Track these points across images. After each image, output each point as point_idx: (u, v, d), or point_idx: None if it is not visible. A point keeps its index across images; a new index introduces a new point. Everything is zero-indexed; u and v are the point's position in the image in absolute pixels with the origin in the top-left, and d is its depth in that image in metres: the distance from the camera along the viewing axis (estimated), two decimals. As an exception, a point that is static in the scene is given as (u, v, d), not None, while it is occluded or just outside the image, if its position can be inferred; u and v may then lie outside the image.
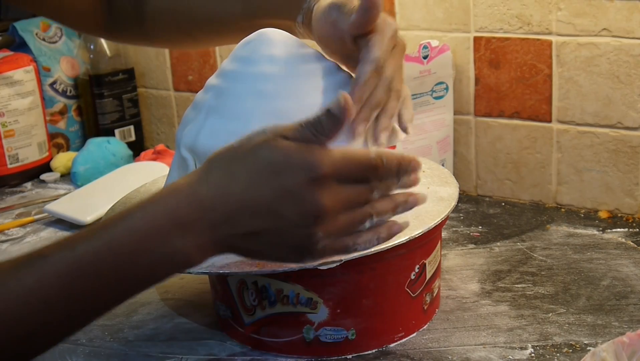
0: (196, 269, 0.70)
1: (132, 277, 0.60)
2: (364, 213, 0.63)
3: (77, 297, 0.59)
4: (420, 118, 1.11)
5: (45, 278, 0.58)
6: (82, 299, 0.59)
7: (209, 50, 1.37)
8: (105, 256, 0.59)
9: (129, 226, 0.60)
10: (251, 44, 0.76)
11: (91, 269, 0.59)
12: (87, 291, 0.59)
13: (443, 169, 0.90)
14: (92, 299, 0.60)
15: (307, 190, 0.59)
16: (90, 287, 0.59)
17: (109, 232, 0.60)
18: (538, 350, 0.76)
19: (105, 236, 0.60)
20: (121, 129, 1.42)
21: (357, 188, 0.62)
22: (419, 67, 1.08)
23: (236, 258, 0.71)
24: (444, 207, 0.78)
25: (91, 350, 0.82)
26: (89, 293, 0.59)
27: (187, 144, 0.76)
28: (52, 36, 1.44)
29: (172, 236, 0.59)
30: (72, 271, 0.58)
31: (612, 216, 1.05)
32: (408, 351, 0.77)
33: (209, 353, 0.80)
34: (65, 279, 0.58)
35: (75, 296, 0.59)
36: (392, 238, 0.67)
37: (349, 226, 0.63)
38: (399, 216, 0.78)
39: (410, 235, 0.73)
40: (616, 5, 0.99)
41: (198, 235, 0.60)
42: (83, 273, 0.58)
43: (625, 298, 0.84)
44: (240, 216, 0.60)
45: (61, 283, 0.58)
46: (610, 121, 1.04)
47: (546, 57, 1.06)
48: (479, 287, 0.89)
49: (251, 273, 0.70)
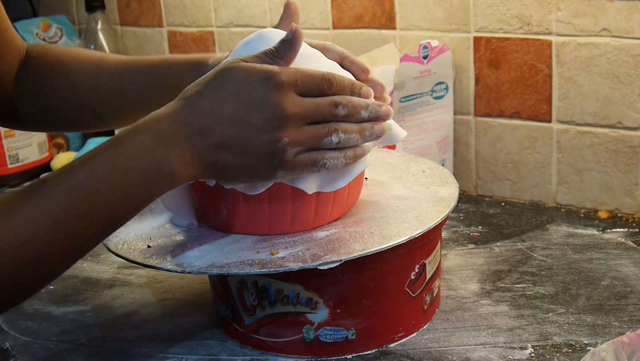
0: (196, 268, 0.70)
1: (127, 192, 0.66)
2: (329, 127, 0.69)
3: (81, 214, 0.64)
4: (420, 118, 1.11)
5: (49, 198, 0.64)
6: (85, 216, 0.64)
7: (209, 51, 1.37)
8: (101, 174, 0.65)
9: (119, 147, 0.66)
10: (252, 44, 0.76)
11: (90, 187, 0.64)
12: (88, 207, 0.64)
13: (443, 169, 0.90)
14: (93, 217, 0.65)
15: (269, 96, 0.66)
16: (90, 203, 0.64)
17: (102, 154, 0.66)
18: (538, 350, 0.76)
19: (99, 158, 0.66)
20: (121, 129, 1.42)
21: (317, 100, 0.69)
22: (419, 67, 1.09)
23: (236, 258, 0.71)
24: (444, 207, 0.79)
25: (91, 350, 0.82)
26: (90, 209, 0.65)
27: None
28: (52, 36, 1.44)
29: (156, 150, 0.66)
30: (73, 190, 0.64)
31: (612, 216, 1.05)
32: (408, 351, 0.77)
33: (209, 353, 0.80)
34: (68, 196, 0.64)
35: (79, 214, 0.64)
36: (387, 240, 0.71)
37: (314, 138, 0.69)
38: (398, 217, 0.78)
39: (410, 235, 0.73)
40: (616, 6, 0.99)
41: (178, 146, 0.66)
42: (83, 191, 0.64)
43: (625, 298, 0.84)
44: (212, 127, 0.66)
45: (64, 201, 0.64)
46: (610, 121, 1.04)
47: (546, 57, 1.06)
48: (479, 287, 0.89)
49: (251, 273, 0.70)
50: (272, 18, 1.29)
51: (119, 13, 1.47)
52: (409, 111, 1.10)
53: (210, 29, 1.36)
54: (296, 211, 0.75)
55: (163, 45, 1.43)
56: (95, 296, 0.94)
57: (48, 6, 1.57)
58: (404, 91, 1.08)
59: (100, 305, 0.92)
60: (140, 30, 1.45)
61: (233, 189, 0.73)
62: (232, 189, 0.73)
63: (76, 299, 0.93)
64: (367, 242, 0.72)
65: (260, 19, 1.30)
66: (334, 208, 0.77)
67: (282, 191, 0.73)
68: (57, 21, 1.47)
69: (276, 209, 0.74)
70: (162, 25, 1.42)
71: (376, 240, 0.72)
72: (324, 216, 0.77)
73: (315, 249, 0.72)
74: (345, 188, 0.76)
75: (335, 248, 0.72)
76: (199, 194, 0.78)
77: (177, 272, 0.71)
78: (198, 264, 0.71)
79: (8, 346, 0.84)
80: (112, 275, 0.99)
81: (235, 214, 0.75)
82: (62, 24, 1.47)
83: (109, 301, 0.92)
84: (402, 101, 1.08)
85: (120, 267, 1.01)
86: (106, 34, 1.39)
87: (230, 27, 1.34)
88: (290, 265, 0.69)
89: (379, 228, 0.75)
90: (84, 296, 0.94)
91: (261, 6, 1.29)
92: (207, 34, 1.37)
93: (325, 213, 0.76)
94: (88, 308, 0.91)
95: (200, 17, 1.37)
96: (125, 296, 0.93)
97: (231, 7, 1.33)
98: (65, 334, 0.86)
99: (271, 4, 1.28)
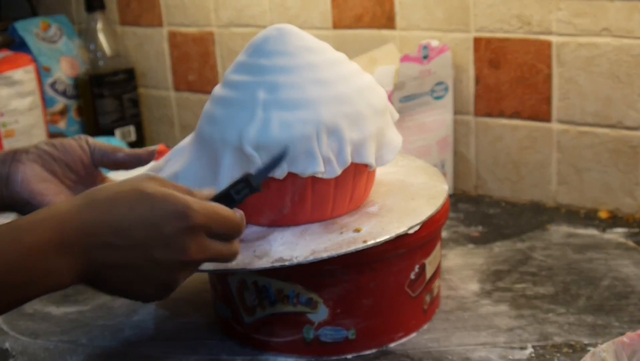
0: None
1: (8, 286, 0.61)
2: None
3: None
4: (420, 118, 1.11)
5: None
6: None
7: (209, 51, 1.37)
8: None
9: (15, 240, 0.61)
10: (271, 40, 0.76)
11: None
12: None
13: (434, 168, 0.89)
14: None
15: (179, 236, 0.63)
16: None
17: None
18: (538, 350, 0.76)
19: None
20: (121, 129, 1.42)
21: (222, 249, 0.66)
22: (419, 67, 1.08)
23: (236, 257, 0.71)
24: (432, 206, 0.79)
25: (91, 350, 0.82)
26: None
27: (253, 140, 0.73)
28: (52, 36, 1.44)
29: (51, 255, 0.61)
30: None
31: (612, 216, 1.05)
32: (408, 351, 0.77)
33: (209, 353, 0.80)
34: None
35: None
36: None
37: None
38: (396, 218, 0.78)
39: (397, 232, 0.74)
40: (616, 5, 0.99)
41: (74, 256, 0.62)
42: None
43: (625, 298, 0.84)
44: (115, 246, 0.62)
45: None
46: (610, 121, 1.04)
47: (546, 57, 1.06)
48: (479, 287, 0.89)
49: (251, 271, 0.70)
50: (272, 18, 1.29)
51: (119, 13, 1.47)
52: (409, 111, 1.10)
53: (210, 29, 1.36)
54: (353, 191, 0.78)
55: (163, 45, 1.43)
56: (95, 296, 0.94)
57: (48, 6, 1.57)
58: (403, 91, 1.08)
59: (100, 304, 0.92)
60: (140, 30, 1.45)
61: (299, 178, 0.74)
62: (298, 177, 0.74)
63: (76, 300, 0.93)
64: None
65: (260, 19, 1.30)
66: (365, 193, 0.80)
67: (347, 170, 0.75)
68: (56, 21, 1.46)
69: (340, 191, 0.76)
70: (162, 25, 1.42)
71: None
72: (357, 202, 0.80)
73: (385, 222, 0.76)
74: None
75: (393, 220, 0.76)
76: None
77: None
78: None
79: (8, 346, 0.83)
80: (112, 275, 0.99)
81: (303, 203, 0.76)
82: (61, 23, 1.47)
83: (108, 301, 0.92)
84: (402, 101, 1.08)
85: (120, 267, 1.01)
86: (106, 33, 1.39)
87: (230, 27, 1.34)
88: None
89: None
90: (84, 296, 0.94)
91: (261, 6, 1.29)
92: (207, 34, 1.37)
93: (360, 197, 0.80)
94: (88, 308, 0.91)
95: (200, 17, 1.37)
96: (125, 296, 0.93)
97: (231, 7, 1.33)
98: (65, 334, 0.86)
99: (271, 4, 1.28)
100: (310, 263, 0.70)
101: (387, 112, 0.80)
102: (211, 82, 1.38)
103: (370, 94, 0.77)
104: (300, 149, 0.72)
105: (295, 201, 0.75)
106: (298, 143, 0.72)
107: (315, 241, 0.73)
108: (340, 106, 0.74)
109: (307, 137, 0.72)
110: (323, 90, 0.75)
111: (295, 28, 0.78)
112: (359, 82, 0.77)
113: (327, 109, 0.73)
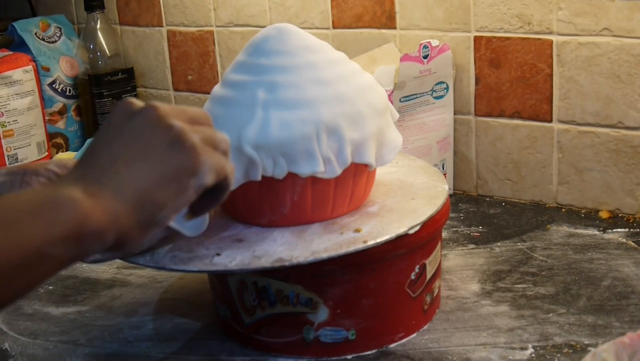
0: (195, 267, 0.70)
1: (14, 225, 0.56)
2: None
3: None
4: (420, 118, 1.11)
5: None
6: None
7: (209, 50, 1.37)
8: None
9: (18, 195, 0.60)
10: (271, 39, 0.76)
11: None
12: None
13: (434, 168, 0.89)
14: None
15: (152, 118, 0.61)
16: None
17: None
18: (538, 350, 0.75)
19: None
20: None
21: (202, 127, 0.63)
22: (419, 67, 1.08)
23: (236, 258, 0.71)
24: (432, 206, 0.78)
25: (91, 350, 0.82)
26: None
27: (253, 140, 0.73)
28: (51, 36, 1.43)
29: (59, 189, 0.58)
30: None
31: (612, 216, 1.05)
32: (408, 351, 0.77)
33: (209, 353, 0.79)
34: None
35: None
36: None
37: (210, 137, 0.63)
38: (396, 218, 0.78)
39: (397, 233, 0.73)
40: (617, 5, 0.99)
41: (76, 181, 0.59)
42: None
43: (626, 298, 0.84)
44: (108, 155, 0.61)
45: None
46: (611, 121, 1.04)
47: (547, 57, 1.06)
48: (479, 287, 0.88)
49: (251, 271, 0.70)
50: (271, 17, 1.28)
51: (118, 12, 1.47)
52: (409, 111, 1.10)
53: (210, 28, 1.36)
54: (353, 191, 0.77)
55: (162, 45, 1.43)
56: (95, 296, 0.94)
57: (47, 5, 1.57)
58: (404, 91, 1.08)
59: (99, 305, 0.92)
60: (140, 30, 1.45)
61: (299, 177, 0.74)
62: (298, 177, 0.73)
63: (75, 300, 0.93)
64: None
65: (260, 19, 1.30)
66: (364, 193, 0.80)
67: (347, 170, 0.75)
68: (56, 21, 1.46)
69: (340, 191, 0.76)
70: (162, 25, 1.42)
71: None
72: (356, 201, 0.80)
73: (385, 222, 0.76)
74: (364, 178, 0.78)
75: (393, 220, 0.76)
76: (253, 194, 0.76)
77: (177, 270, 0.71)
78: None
79: (7, 346, 0.83)
80: (111, 275, 0.99)
81: (302, 203, 0.75)
82: (61, 23, 1.47)
83: (108, 302, 0.92)
84: (402, 100, 1.08)
85: (119, 267, 1.01)
86: (105, 33, 1.39)
87: (229, 27, 1.34)
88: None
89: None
90: (83, 296, 0.94)
91: (261, 6, 1.29)
92: (206, 34, 1.37)
93: (360, 197, 0.80)
94: (87, 308, 0.91)
95: (199, 16, 1.37)
96: (124, 297, 0.93)
97: (231, 7, 1.33)
98: (65, 334, 0.86)
99: (271, 4, 1.28)
100: (310, 264, 0.70)
101: (387, 112, 0.79)
102: (210, 81, 1.38)
103: (371, 93, 0.77)
104: (300, 149, 0.72)
105: (295, 201, 0.75)
106: (298, 143, 0.72)
107: (315, 242, 0.73)
108: (340, 105, 0.74)
109: (307, 137, 0.72)
110: (323, 90, 0.75)
111: (295, 27, 0.78)
112: (359, 81, 0.77)
113: (327, 109, 0.73)
